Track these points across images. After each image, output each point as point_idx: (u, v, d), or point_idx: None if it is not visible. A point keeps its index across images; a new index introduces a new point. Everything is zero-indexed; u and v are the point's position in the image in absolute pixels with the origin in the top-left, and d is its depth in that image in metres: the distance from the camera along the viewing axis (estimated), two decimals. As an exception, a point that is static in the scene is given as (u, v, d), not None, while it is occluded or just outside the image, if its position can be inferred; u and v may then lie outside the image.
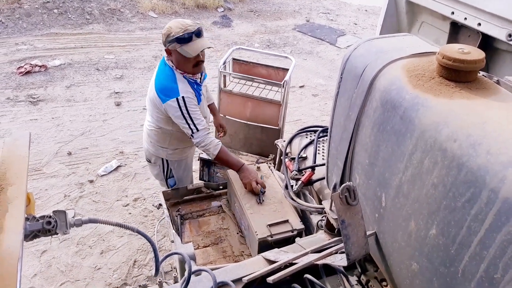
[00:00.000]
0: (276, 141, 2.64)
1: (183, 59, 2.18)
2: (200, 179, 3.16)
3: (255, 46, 6.81)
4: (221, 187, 2.61)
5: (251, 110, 3.37)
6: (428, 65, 1.25)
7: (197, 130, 2.24)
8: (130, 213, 3.43)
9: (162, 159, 2.59)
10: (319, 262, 1.34)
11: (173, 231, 1.90)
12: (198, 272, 1.55)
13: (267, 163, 2.55)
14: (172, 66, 2.25)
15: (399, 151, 1.19)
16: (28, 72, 5.48)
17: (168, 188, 2.67)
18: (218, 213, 2.47)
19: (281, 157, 2.59)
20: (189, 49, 2.13)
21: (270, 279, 1.29)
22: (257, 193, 2.21)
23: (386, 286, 1.60)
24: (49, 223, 1.11)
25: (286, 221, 2.04)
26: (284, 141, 2.62)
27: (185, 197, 2.52)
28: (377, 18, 9.00)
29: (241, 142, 3.45)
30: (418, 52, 1.33)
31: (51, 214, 1.12)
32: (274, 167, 3.33)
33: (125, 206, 3.51)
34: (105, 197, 3.59)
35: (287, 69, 3.30)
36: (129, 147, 4.25)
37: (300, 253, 1.48)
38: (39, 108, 4.84)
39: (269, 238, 1.97)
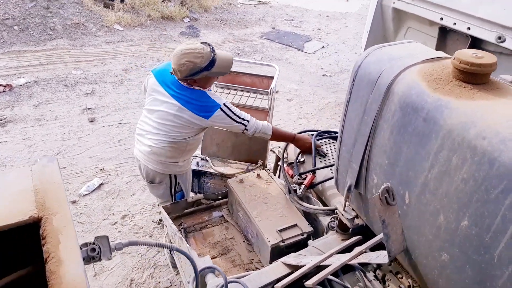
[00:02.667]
0: (272, 148, 2.68)
1: (210, 78, 2.30)
2: (191, 190, 3.15)
3: (225, 54, 6.84)
4: (220, 197, 2.61)
5: (238, 118, 3.39)
6: (441, 69, 1.34)
7: (248, 121, 2.34)
8: (119, 232, 3.34)
9: (170, 175, 2.54)
10: (353, 262, 1.39)
11: (187, 245, 1.89)
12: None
13: (266, 170, 2.58)
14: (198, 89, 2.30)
15: (423, 151, 1.27)
16: (-9, 93, 5.21)
17: None
18: (221, 223, 2.48)
19: (279, 163, 2.64)
20: (219, 69, 2.23)
21: (309, 283, 1.32)
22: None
23: (402, 278, 1.68)
24: (93, 250, 1.08)
25: (295, 225, 2.08)
26: (280, 147, 2.67)
27: (186, 210, 2.50)
28: (338, 23, 9.34)
29: (228, 150, 3.45)
30: (429, 58, 1.42)
31: (94, 241, 1.10)
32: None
33: (113, 224, 3.42)
34: (91, 217, 3.48)
35: (271, 77, 3.36)
36: (109, 164, 4.14)
37: (325, 255, 1.53)
38: (8, 130, 4.61)
39: (281, 244, 2.00)
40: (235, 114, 2.30)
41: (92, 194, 3.76)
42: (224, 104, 2.27)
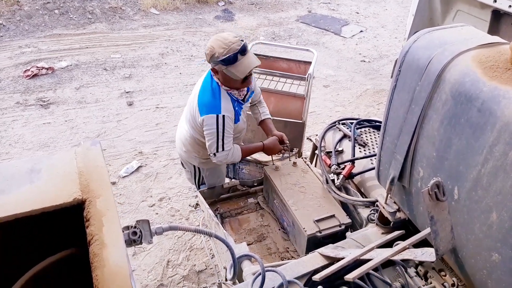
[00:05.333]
0: (308, 136, 2.63)
1: (230, 78, 2.11)
2: (226, 176, 3.16)
3: (260, 39, 6.76)
4: (255, 184, 2.60)
5: (274, 104, 3.35)
6: (498, 56, 1.24)
7: (223, 149, 2.21)
8: (157, 213, 3.42)
9: (194, 166, 2.57)
10: (396, 258, 1.34)
11: (224, 231, 1.89)
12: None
13: (302, 159, 2.54)
14: (218, 83, 2.19)
15: (477, 144, 1.19)
16: (35, 75, 5.40)
17: None
18: (256, 210, 2.47)
19: (316, 152, 2.59)
20: (235, 70, 2.05)
21: (350, 277, 1.29)
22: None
23: (445, 276, 1.61)
24: (134, 233, 1.10)
25: (333, 215, 2.04)
26: (317, 135, 2.61)
27: (222, 196, 2.51)
28: (377, 6, 8.99)
29: (264, 138, 3.43)
30: (484, 43, 1.32)
31: (135, 224, 1.11)
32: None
33: (151, 206, 3.50)
34: (130, 199, 3.57)
35: (308, 62, 3.28)
36: (147, 147, 4.23)
37: (366, 249, 1.48)
38: (51, 112, 4.79)
39: (318, 234, 1.97)
40: (223, 133, 2.15)
41: (131, 176, 3.85)
42: (224, 116, 2.12)
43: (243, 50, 2.03)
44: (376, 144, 2.38)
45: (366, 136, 2.43)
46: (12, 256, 1.11)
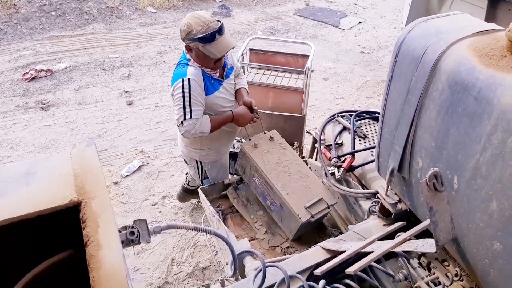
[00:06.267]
0: (308, 129, 2.62)
1: (204, 56, 2.12)
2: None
3: (258, 34, 6.74)
4: (256, 179, 2.59)
5: (273, 99, 3.34)
6: (494, 43, 1.23)
7: (190, 117, 2.13)
8: (160, 212, 3.43)
9: (196, 161, 2.57)
10: (397, 249, 1.33)
11: (226, 228, 1.89)
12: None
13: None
14: (190, 59, 2.21)
15: (474, 132, 1.18)
16: (34, 78, 5.40)
17: None
18: (258, 205, 2.46)
19: (315, 145, 2.58)
20: (213, 49, 2.07)
21: (351, 270, 1.28)
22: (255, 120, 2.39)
23: (448, 266, 1.60)
24: (132, 233, 1.09)
25: (321, 199, 2.11)
26: (316, 128, 2.60)
27: (223, 192, 2.50)
28: (375, -3, 8.88)
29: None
30: (479, 30, 1.30)
31: (133, 224, 1.11)
32: (300, 154, 3.33)
33: (154, 205, 3.50)
34: (132, 198, 3.58)
35: (306, 56, 3.27)
36: (148, 146, 4.23)
37: (367, 241, 1.47)
38: (51, 114, 4.80)
39: (311, 219, 2.04)
40: (190, 98, 2.09)
41: (133, 175, 3.86)
42: (189, 79, 2.09)
43: (220, 30, 2.06)
44: (376, 135, 2.37)
45: (366, 128, 2.41)
46: (11, 259, 1.11)
